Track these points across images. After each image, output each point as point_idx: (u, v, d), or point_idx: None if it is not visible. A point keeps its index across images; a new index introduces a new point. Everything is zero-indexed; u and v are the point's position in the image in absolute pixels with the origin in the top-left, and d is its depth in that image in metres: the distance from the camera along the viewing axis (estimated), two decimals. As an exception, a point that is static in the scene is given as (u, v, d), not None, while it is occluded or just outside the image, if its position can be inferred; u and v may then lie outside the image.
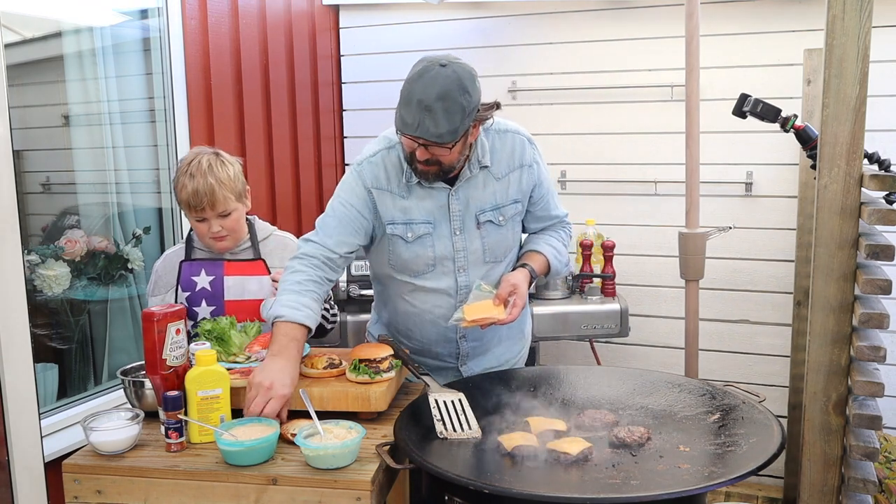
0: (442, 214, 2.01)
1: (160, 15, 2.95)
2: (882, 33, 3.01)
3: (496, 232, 2.05)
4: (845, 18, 1.59)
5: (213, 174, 2.12)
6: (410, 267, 2.04)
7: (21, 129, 2.47)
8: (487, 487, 1.43)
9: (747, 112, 2.34)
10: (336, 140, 3.98)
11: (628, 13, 3.48)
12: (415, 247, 2.01)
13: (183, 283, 2.20)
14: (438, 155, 1.85)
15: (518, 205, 2.07)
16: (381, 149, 2.03)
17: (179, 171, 2.16)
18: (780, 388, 3.40)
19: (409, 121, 1.79)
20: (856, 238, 1.66)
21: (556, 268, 2.15)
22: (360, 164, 2.04)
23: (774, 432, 1.63)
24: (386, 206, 1.99)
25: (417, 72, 1.82)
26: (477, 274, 2.05)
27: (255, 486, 1.61)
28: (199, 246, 2.25)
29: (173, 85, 2.97)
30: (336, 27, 3.93)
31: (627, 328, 3.21)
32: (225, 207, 2.13)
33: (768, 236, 3.40)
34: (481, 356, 2.18)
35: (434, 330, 2.10)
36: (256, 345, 2.05)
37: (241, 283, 2.20)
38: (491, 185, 2.02)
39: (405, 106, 1.80)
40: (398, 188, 1.99)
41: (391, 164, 2.00)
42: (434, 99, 1.75)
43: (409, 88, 1.80)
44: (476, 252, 2.04)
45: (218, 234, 2.16)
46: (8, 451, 2.10)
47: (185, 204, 2.14)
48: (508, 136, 2.05)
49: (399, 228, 2.00)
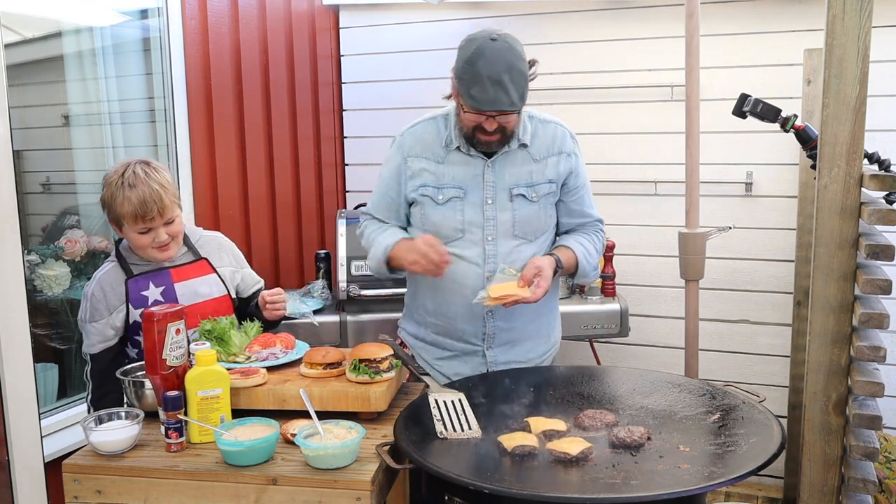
0: (475, 183, 2.10)
1: (160, 15, 2.95)
2: (882, 33, 3.01)
3: (527, 207, 2.12)
4: (845, 18, 1.59)
5: (154, 181, 2.05)
6: (440, 231, 2.11)
7: (21, 129, 2.47)
8: (487, 487, 1.43)
9: (747, 112, 2.34)
10: (336, 140, 3.98)
11: (628, 13, 3.48)
12: (444, 209, 2.11)
13: (133, 300, 2.10)
14: (505, 123, 2.00)
15: (552, 185, 2.14)
16: (423, 120, 2.20)
17: (111, 185, 2.05)
18: (780, 388, 3.40)
19: (482, 98, 1.92)
20: (856, 238, 1.66)
21: (584, 268, 2.17)
22: (403, 135, 2.19)
23: (774, 432, 1.63)
24: (418, 171, 2.13)
25: (474, 51, 1.93)
26: (505, 247, 2.10)
27: (255, 486, 1.61)
28: (134, 261, 2.15)
29: (173, 85, 2.97)
30: (336, 27, 3.93)
31: (627, 328, 3.21)
32: (171, 214, 2.08)
33: (768, 236, 3.40)
34: (508, 346, 2.19)
35: (461, 304, 2.13)
36: (256, 345, 2.06)
37: (192, 287, 2.16)
38: (528, 165, 2.12)
39: (475, 84, 1.91)
40: (434, 154, 2.13)
41: (430, 133, 2.15)
42: (502, 72, 1.90)
43: (473, 68, 1.91)
44: (506, 223, 2.11)
45: (164, 242, 2.09)
46: (8, 451, 2.10)
47: (130, 217, 2.03)
48: (551, 125, 2.17)
49: (430, 190, 2.12)
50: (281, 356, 2.02)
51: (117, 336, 2.12)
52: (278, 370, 1.96)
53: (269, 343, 2.06)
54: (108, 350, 2.12)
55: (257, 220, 3.34)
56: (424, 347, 2.26)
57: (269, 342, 2.07)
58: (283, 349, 2.05)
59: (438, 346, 2.23)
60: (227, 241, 2.32)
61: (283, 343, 2.07)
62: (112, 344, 2.12)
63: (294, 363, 2.00)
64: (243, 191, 3.26)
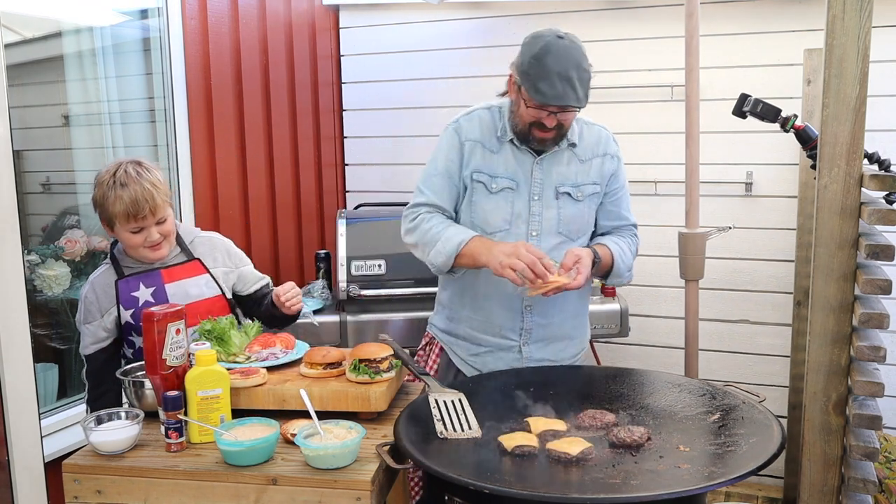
0: (524, 178, 2.12)
1: (160, 15, 2.95)
2: (882, 33, 3.01)
3: (573, 206, 2.15)
4: (845, 18, 1.59)
5: (147, 180, 2.04)
6: (489, 220, 2.12)
7: (21, 129, 2.47)
8: (487, 487, 1.43)
9: (747, 112, 2.34)
10: (336, 140, 3.98)
11: (628, 13, 3.48)
12: (496, 198, 2.12)
13: (124, 302, 2.11)
14: (563, 120, 2.03)
15: (597, 186, 2.18)
16: (478, 108, 2.19)
17: (102, 185, 2.05)
18: (780, 388, 3.40)
19: (550, 93, 1.94)
20: (856, 238, 1.66)
21: (619, 267, 2.18)
22: (457, 121, 2.18)
23: (774, 432, 1.63)
24: (475, 156, 2.13)
25: (542, 47, 1.95)
26: (549, 243, 2.12)
27: (255, 486, 1.61)
28: (126, 263, 2.15)
29: (173, 85, 2.97)
30: (336, 27, 3.93)
31: (627, 328, 3.20)
32: (163, 213, 2.08)
33: (768, 236, 3.40)
34: (543, 344, 2.20)
35: (500, 297, 2.14)
36: (256, 345, 2.05)
37: (183, 288, 2.15)
38: (574, 165, 2.15)
39: (543, 80, 1.93)
40: (489, 143, 2.13)
41: (486, 121, 2.15)
42: (570, 69, 1.94)
43: (541, 63, 1.94)
44: (551, 220, 2.13)
45: (156, 241, 2.09)
46: (8, 451, 2.10)
47: (122, 216, 2.02)
48: (596, 128, 2.23)
49: (484, 177, 2.12)
50: (281, 356, 2.02)
51: (110, 337, 2.13)
52: (278, 370, 1.96)
53: (269, 343, 2.06)
54: (102, 351, 2.13)
55: (257, 220, 3.33)
56: (457, 343, 2.25)
57: (269, 342, 2.07)
58: (283, 349, 2.05)
59: (473, 342, 2.22)
60: (221, 241, 2.31)
61: (283, 343, 2.07)
62: (105, 345, 2.13)
63: (294, 363, 2.00)
64: (243, 191, 3.26)
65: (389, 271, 3.14)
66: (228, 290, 2.25)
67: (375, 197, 3.88)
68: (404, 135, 3.93)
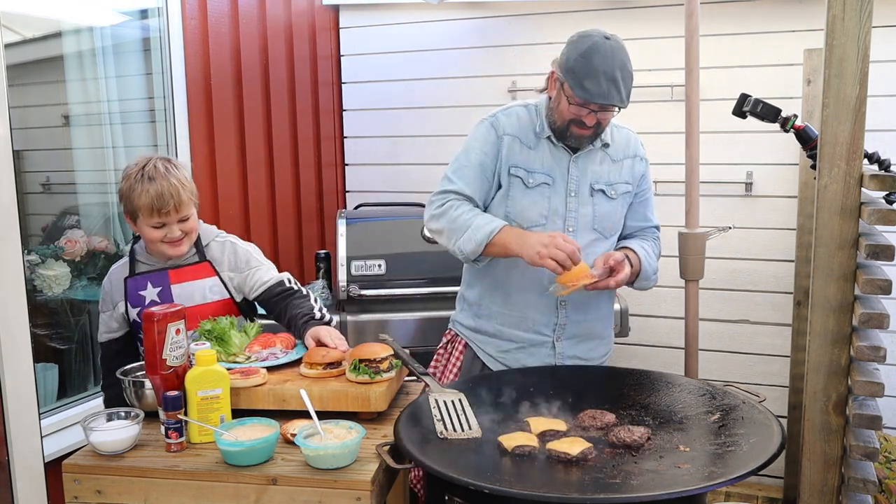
0: (560, 174, 2.14)
1: (160, 15, 2.95)
2: (882, 33, 3.01)
3: (607, 204, 2.18)
4: (845, 18, 1.59)
5: (174, 176, 2.08)
6: (526, 214, 2.13)
7: (21, 129, 2.47)
8: (487, 487, 1.43)
9: (747, 112, 2.34)
10: (336, 140, 3.98)
11: (628, 13, 3.48)
12: (533, 193, 2.13)
13: (131, 299, 2.15)
14: (603, 119, 2.05)
15: (629, 186, 2.22)
16: (514, 105, 2.21)
17: (130, 177, 2.08)
18: (780, 388, 3.40)
19: (595, 91, 1.96)
20: (856, 238, 1.66)
21: (645, 270, 2.21)
22: (494, 116, 2.19)
23: (774, 432, 1.63)
24: (513, 151, 2.13)
25: (589, 46, 1.97)
26: (584, 240, 2.14)
27: (255, 486, 1.61)
28: (143, 259, 2.18)
29: (173, 85, 2.97)
30: (336, 27, 3.93)
31: (628, 328, 3.20)
32: (187, 210, 2.10)
33: (768, 236, 3.40)
34: (576, 341, 2.21)
35: (535, 292, 2.15)
36: (256, 345, 2.06)
37: (189, 290, 2.16)
38: (607, 164, 2.19)
39: (589, 78, 1.96)
40: (527, 139, 2.14)
41: (524, 118, 2.17)
42: (616, 69, 1.97)
43: (588, 62, 1.96)
44: (586, 217, 2.15)
45: (176, 238, 2.10)
46: (8, 451, 2.09)
47: (147, 209, 2.05)
48: (624, 130, 2.26)
49: (521, 172, 2.13)
50: (281, 356, 2.02)
51: (121, 329, 2.19)
52: (278, 370, 1.96)
53: (269, 343, 2.07)
54: (114, 342, 2.20)
55: (257, 220, 3.33)
56: (486, 340, 2.24)
57: (269, 342, 2.07)
58: (283, 349, 2.06)
59: (503, 339, 2.21)
60: (232, 244, 2.28)
61: (283, 343, 2.08)
62: (116, 336, 2.19)
63: (294, 363, 2.00)
64: (243, 191, 3.26)
65: (389, 271, 3.14)
66: (238, 293, 2.23)
67: (375, 197, 3.88)
68: (404, 135, 3.93)
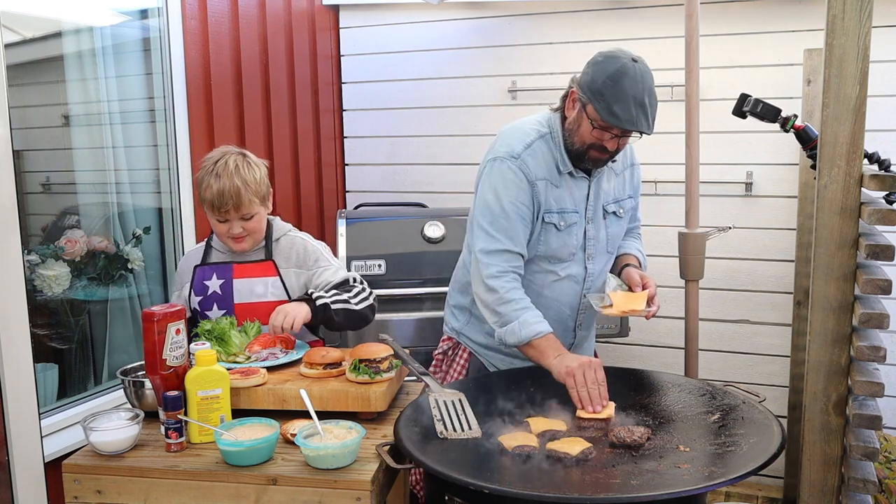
0: (583, 205, 2.10)
1: (160, 15, 2.94)
2: (882, 33, 3.01)
3: (616, 224, 2.18)
4: (845, 18, 1.59)
5: (240, 176, 2.10)
6: (557, 255, 2.10)
7: (21, 129, 2.47)
8: (487, 487, 1.43)
9: (747, 112, 2.34)
10: (336, 140, 3.98)
11: (628, 13, 3.48)
12: (564, 235, 2.09)
13: (196, 287, 2.21)
14: (623, 144, 1.99)
15: (632, 200, 2.21)
16: (534, 139, 2.06)
17: (204, 169, 2.13)
18: (780, 388, 3.40)
19: (625, 116, 1.89)
20: (856, 238, 1.66)
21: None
22: (520, 158, 2.03)
23: (774, 432, 1.63)
24: (545, 195, 2.05)
25: (617, 69, 1.89)
26: (600, 263, 2.15)
27: (255, 486, 1.61)
28: (218, 247, 2.24)
29: (173, 85, 2.97)
30: (336, 27, 3.93)
31: (627, 328, 3.20)
32: (249, 210, 2.12)
33: (768, 236, 3.40)
34: (578, 353, 2.20)
35: (556, 319, 2.13)
36: (256, 345, 2.06)
37: (249, 286, 2.19)
38: (612, 180, 2.16)
39: (618, 103, 1.88)
40: (553, 178, 2.06)
41: (545, 154, 2.05)
42: (645, 94, 1.90)
43: (618, 86, 1.88)
44: (602, 241, 2.15)
45: (238, 234, 2.15)
46: (8, 451, 2.10)
47: (209, 204, 2.12)
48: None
49: (554, 217, 2.06)
50: (281, 356, 2.02)
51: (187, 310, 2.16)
52: (278, 370, 1.96)
53: (269, 343, 2.07)
54: None
55: (257, 220, 3.33)
56: (499, 357, 2.23)
57: (269, 342, 2.07)
58: (283, 349, 2.06)
59: (516, 357, 2.18)
60: (303, 241, 2.26)
61: (283, 343, 2.07)
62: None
63: (294, 363, 2.00)
64: (243, 191, 3.26)
65: (389, 271, 3.14)
66: (299, 293, 2.20)
67: (375, 197, 3.89)
68: (404, 135, 3.93)
